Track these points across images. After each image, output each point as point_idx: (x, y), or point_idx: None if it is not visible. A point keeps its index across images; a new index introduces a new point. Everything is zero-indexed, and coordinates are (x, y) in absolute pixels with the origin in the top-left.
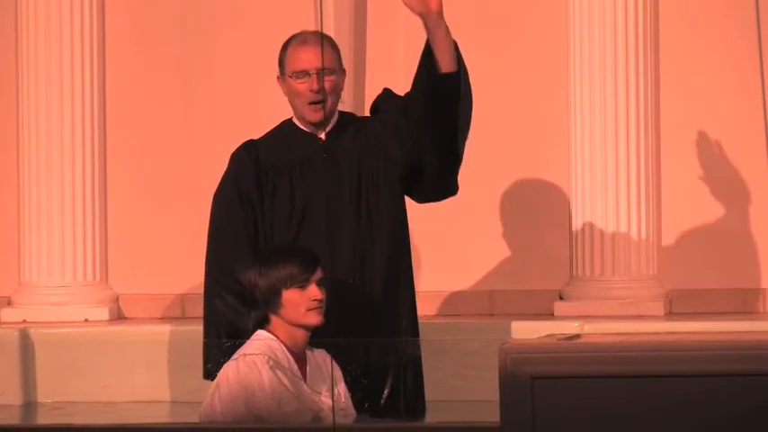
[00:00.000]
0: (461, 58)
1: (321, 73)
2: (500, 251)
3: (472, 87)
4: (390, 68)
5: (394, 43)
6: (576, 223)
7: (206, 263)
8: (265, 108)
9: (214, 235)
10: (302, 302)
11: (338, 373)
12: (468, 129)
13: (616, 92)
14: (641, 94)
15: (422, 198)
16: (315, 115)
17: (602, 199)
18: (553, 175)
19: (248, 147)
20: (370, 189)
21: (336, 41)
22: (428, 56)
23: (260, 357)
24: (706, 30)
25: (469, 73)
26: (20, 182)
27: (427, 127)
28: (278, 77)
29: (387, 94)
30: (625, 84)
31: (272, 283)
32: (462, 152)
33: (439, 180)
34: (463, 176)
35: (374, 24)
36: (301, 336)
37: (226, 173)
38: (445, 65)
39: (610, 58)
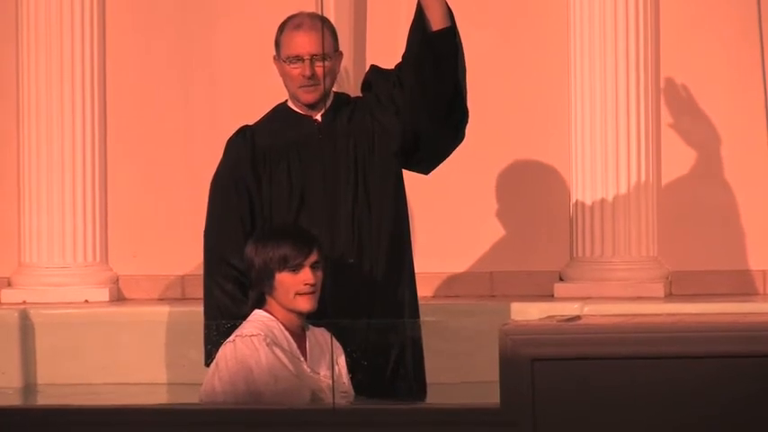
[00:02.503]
0: (453, 17)
1: (313, 59)
2: (500, 232)
3: (473, 67)
4: (391, 49)
5: (395, 25)
6: (577, 204)
7: (204, 251)
8: (263, 93)
9: (211, 223)
10: (293, 286)
11: (338, 349)
12: (466, 85)
13: (616, 73)
14: (642, 77)
15: (428, 164)
16: (308, 97)
17: (603, 180)
18: (553, 156)
19: (243, 132)
20: (368, 169)
21: (337, 22)
22: (419, 16)
23: (257, 337)
24: (705, 8)
25: (470, 54)
26: (20, 163)
27: (422, 91)
28: (274, 57)
29: (375, 69)
30: (625, 66)
31: (265, 264)
32: (467, 105)
33: (439, 143)
34: (464, 157)
35: (375, 6)
36: (296, 318)
37: (221, 160)
38: (436, 22)
39: (610, 37)
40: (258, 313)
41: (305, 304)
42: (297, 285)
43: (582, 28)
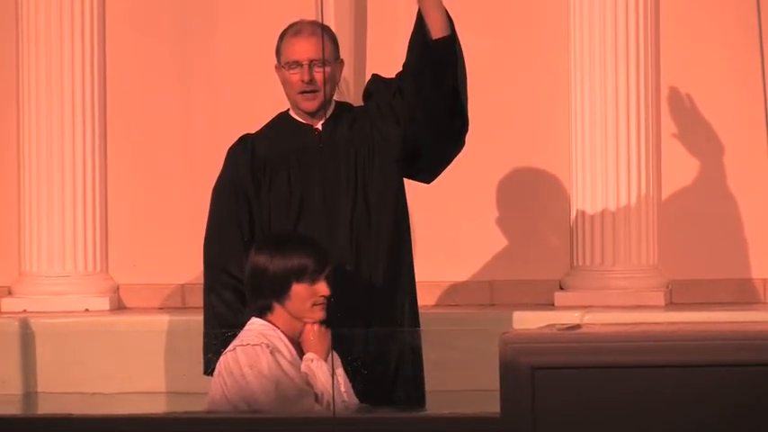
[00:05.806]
0: (453, 25)
1: (312, 64)
2: (500, 241)
3: (474, 75)
4: (391, 58)
5: (395, 32)
6: (577, 213)
7: (204, 260)
8: (264, 99)
9: (211, 232)
10: (309, 297)
11: (336, 360)
12: (467, 93)
13: (617, 82)
14: (641, 83)
15: (430, 173)
16: (308, 104)
17: (603, 188)
18: (553, 164)
19: (244, 141)
20: (368, 177)
21: (337, 31)
22: (420, 25)
23: (260, 346)
24: (706, 15)
25: (471, 62)
26: (20, 172)
27: (422, 99)
28: (275, 66)
29: (376, 78)
30: (625, 72)
31: (284, 273)
32: (467, 113)
33: (440, 150)
34: (463, 165)
35: (375, 13)
36: (299, 327)
37: (222, 169)
38: (437, 30)
39: (610, 45)
40: (256, 322)
41: (318, 314)
42: (313, 297)
43: (582, 36)
